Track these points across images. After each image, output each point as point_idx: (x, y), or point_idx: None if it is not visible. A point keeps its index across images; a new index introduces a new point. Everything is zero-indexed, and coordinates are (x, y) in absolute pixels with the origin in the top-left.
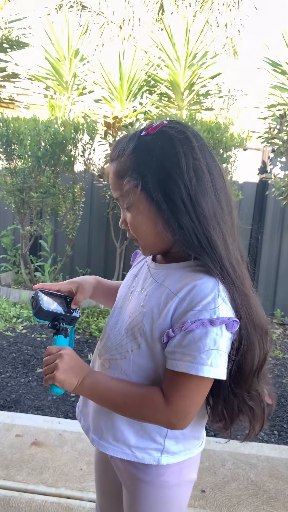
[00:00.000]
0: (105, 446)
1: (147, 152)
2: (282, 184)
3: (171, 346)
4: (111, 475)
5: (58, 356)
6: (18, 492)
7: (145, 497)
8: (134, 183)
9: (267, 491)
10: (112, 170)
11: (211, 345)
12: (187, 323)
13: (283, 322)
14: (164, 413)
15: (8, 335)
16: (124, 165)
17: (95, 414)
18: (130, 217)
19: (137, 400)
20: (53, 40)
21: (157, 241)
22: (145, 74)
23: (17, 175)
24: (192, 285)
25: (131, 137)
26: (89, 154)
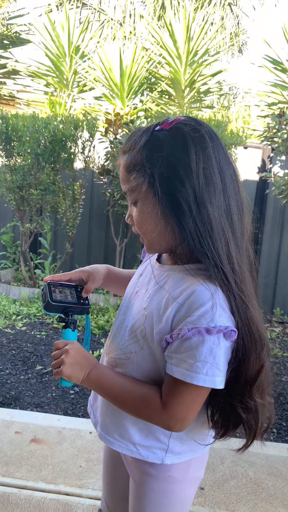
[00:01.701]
0: (111, 441)
1: (158, 149)
2: (282, 183)
3: (169, 351)
4: (121, 471)
5: (64, 351)
6: (17, 489)
7: (151, 491)
8: (141, 179)
9: (266, 488)
10: (123, 163)
11: (207, 354)
12: (184, 330)
13: (283, 320)
14: (161, 415)
15: (7, 332)
16: (134, 159)
17: (103, 409)
18: (136, 212)
19: (135, 399)
20: (53, 37)
21: (161, 240)
22: (146, 72)
23: (17, 172)
24: (191, 290)
25: (144, 131)
26: (89, 152)
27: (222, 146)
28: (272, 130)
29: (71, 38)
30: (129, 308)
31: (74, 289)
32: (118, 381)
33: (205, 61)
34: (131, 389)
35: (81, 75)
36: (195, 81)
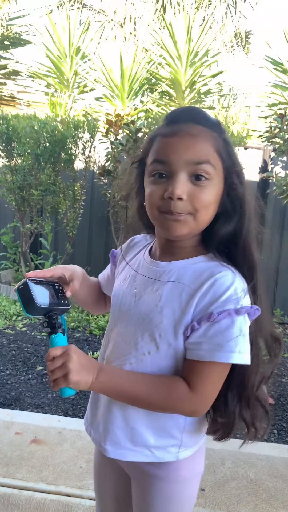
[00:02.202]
0: (123, 453)
1: (230, 142)
2: (283, 183)
3: (196, 337)
4: (113, 479)
5: (65, 356)
6: (17, 490)
7: (160, 493)
8: (222, 164)
9: (267, 490)
10: (210, 139)
11: (237, 333)
12: (214, 315)
13: (283, 321)
14: (190, 402)
15: (8, 332)
16: (222, 144)
17: (108, 423)
18: (206, 190)
19: (161, 392)
20: (54, 38)
21: (206, 223)
22: (146, 72)
23: (17, 173)
24: (212, 280)
25: (215, 120)
26: (90, 152)
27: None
28: (274, 130)
29: (72, 39)
30: (129, 314)
31: (52, 287)
32: (137, 378)
33: (205, 62)
34: (154, 383)
35: (82, 76)
36: (195, 82)
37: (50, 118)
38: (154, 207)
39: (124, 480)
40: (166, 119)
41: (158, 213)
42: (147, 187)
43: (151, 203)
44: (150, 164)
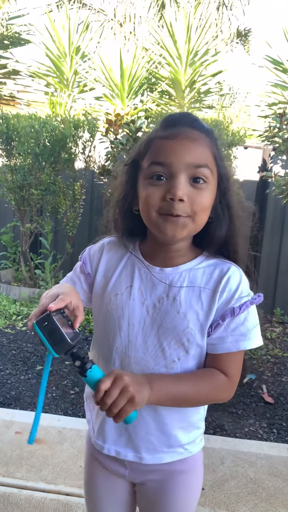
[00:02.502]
0: (161, 457)
1: (221, 150)
2: (282, 183)
3: (219, 333)
4: (119, 492)
5: (120, 383)
6: (17, 489)
7: (184, 486)
8: (217, 168)
9: (266, 489)
10: (209, 144)
11: (254, 319)
12: (236, 309)
13: (283, 320)
14: (228, 389)
15: (8, 332)
16: (216, 148)
17: (143, 432)
18: (204, 193)
19: (206, 387)
20: (54, 37)
21: (202, 225)
22: (146, 72)
23: (17, 172)
24: (226, 278)
25: (209, 128)
26: (90, 152)
27: None
28: (273, 130)
29: (72, 39)
30: (148, 323)
31: (62, 316)
32: (181, 379)
33: (205, 61)
34: (199, 382)
35: (82, 75)
36: (195, 81)
37: (50, 118)
38: (153, 209)
39: (132, 491)
40: (164, 122)
41: (157, 216)
42: (143, 190)
43: (149, 205)
44: (148, 166)
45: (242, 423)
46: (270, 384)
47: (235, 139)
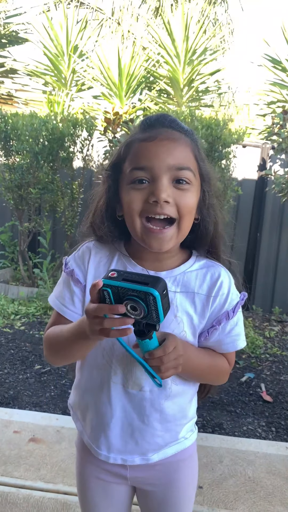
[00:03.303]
0: (165, 452)
1: (201, 150)
2: (282, 181)
3: (216, 336)
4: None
5: (177, 352)
6: (15, 488)
7: (185, 473)
8: (199, 170)
9: (264, 487)
10: (190, 145)
11: (242, 321)
12: (230, 313)
13: (282, 319)
14: (227, 375)
15: (6, 331)
16: (198, 150)
17: (148, 440)
18: (189, 194)
19: (218, 368)
20: (51, 36)
21: (188, 230)
22: (144, 71)
23: (15, 171)
24: (219, 283)
25: (187, 128)
26: (88, 151)
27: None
28: (276, 127)
29: (69, 37)
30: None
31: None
32: (202, 352)
33: (203, 60)
34: (211, 358)
35: (80, 74)
36: (193, 80)
37: (50, 116)
38: (136, 214)
39: (131, 492)
40: (142, 125)
41: (141, 227)
42: (126, 195)
43: (132, 210)
44: (130, 171)
45: (240, 422)
46: (268, 383)
47: (234, 138)
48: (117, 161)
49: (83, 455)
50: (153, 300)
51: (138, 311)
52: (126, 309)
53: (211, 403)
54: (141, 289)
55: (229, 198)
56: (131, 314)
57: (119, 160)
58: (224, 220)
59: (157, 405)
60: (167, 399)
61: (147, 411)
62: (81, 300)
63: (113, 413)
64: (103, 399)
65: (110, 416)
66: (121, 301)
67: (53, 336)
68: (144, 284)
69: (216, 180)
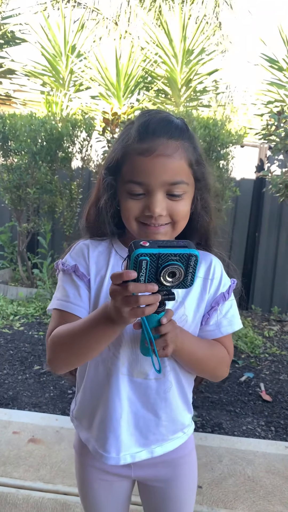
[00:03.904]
0: (167, 445)
1: (199, 150)
2: (279, 181)
3: (216, 317)
4: (120, 493)
5: (175, 329)
6: (15, 489)
7: (187, 470)
8: (194, 175)
9: (264, 486)
10: (184, 155)
11: (235, 304)
12: (225, 294)
13: (281, 319)
14: (228, 365)
15: (5, 332)
16: (193, 155)
17: (152, 430)
18: (183, 203)
19: (217, 357)
20: (49, 36)
21: (183, 228)
22: (142, 71)
23: (14, 172)
24: (213, 267)
25: (184, 126)
26: (87, 151)
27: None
28: (270, 128)
29: (67, 37)
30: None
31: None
32: (200, 340)
33: (201, 60)
34: (210, 346)
35: (77, 75)
36: (191, 80)
37: (48, 117)
38: (133, 219)
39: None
40: (139, 131)
41: (137, 225)
42: (124, 200)
43: (130, 216)
44: (127, 182)
45: (240, 421)
46: (268, 382)
47: (233, 139)
48: (116, 164)
49: (83, 459)
50: (194, 261)
51: (178, 276)
52: (163, 278)
53: (210, 403)
54: (184, 252)
55: (227, 199)
56: (168, 283)
57: (118, 164)
58: (218, 213)
59: (162, 393)
60: (171, 387)
61: (152, 399)
62: (87, 295)
63: (122, 407)
64: (110, 394)
65: (120, 410)
66: (157, 270)
67: (62, 334)
68: (183, 247)
69: (212, 176)
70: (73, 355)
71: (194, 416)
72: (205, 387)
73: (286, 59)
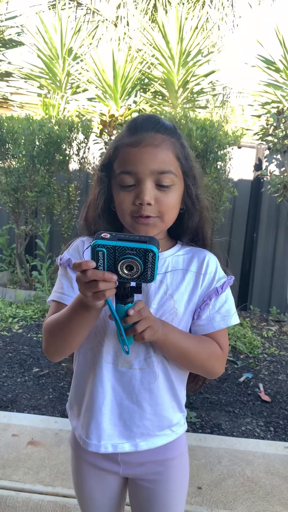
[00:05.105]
0: (153, 441)
1: (186, 146)
2: (277, 181)
3: (208, 312)
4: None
5: (145, 311)
6: (14, 492)
7: (176, 472)
8: (182, 168)
9: (263, 487)
10: (171, 147)
11: (232, 299)
12: (218, 289)
13: (279, 319)
14: (222, 361)
15: (4, 335)
16: (180, 149)
17: (136, 420)
18: (171, 194)
19: (206, 350)
20: (46, 39)
21: (173, 221)
22: (139, 73)
23: (12, 175)
24: (206, 262)
25: (171, 126)
26: (84, 153)
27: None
28: (270, 127)
29: (64, 40)
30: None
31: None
32: (187, 334)
33: (198, 62)
34: (200, 341)
35: (75, 77)
36: (188, 81)
37: (46, 120)
38: (126, 213)
39: (123, 485)
40: (128, 128)
41: (130, 219)
42: (117, 194)
43: (123, 209)
44: (118, 174)
45: (239, 422)
46: (266, 383)
47: (230, 140)
48: (108, 161)
49: (76, 453)
50: (152, 257)
51: (135, 270)
52: (121, 270)
53: (209, 404)
54: (141, 247)
55: (225, 200)
56: (126, 276)
57: (110, 160)
58: (210, 210)
59: (146, 384)
60: (156, 379)
61: (136, 389)
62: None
63: (104, 395)
64: (95, 381)
65: (102, 398)
66: (115, 262)
67: (51, 321)
68: (142, 242)
69: (201, 173)
70: (60, 341)
71: (193, 417)
72: (204, 387)
73: (283, 60)
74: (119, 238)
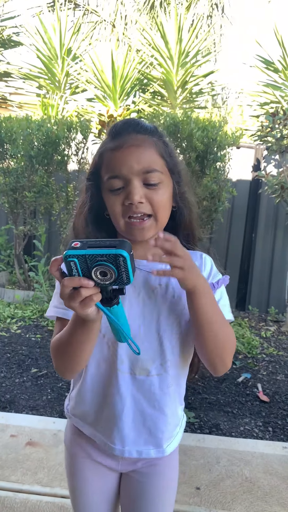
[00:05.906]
0: (174, 442)
1: (170, 146)
2: (275, 182)
3: None
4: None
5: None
6: (12, 492)
7: (169, 475)
8: (167, 166)
9: (262, 487)
10: (154, 145)
11: (226, 297)
12: (215, 284)
13: (277, 319)
14: (233, 353)
15: (2, 335)
16: (164, 148)
17: (162, 429)
18: (161, 192)
19: (227, 331)
20: (45, 39)
21: (166, 221)
22: (138, 73)
23: (10, 175)
24: (202, 259)
25: (153, 127)
26: (83, 153)
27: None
28: (266, 129)
29: (63, 40)
30: (146, 311)
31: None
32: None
33: (196, 62)
34: (224, 319)
35: (73, 77)
36: (187, 82)
37: (44, 120)
38: (119, 216)
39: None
40: (110, 133)
41: (124, 224)
42: (108, 200)
43: (115, 213)
44: (107, 180)
45: (237, 422)
46: (265, 383)
47: (230, 141)
48: (94, 169)
49: (75, 451)
50: (123, 261)
51: (109, 276)
52: (95, 276)
53: (208, 404)
54: (111, 252)
55: (224, 200)
56: (100, 281)
57: (97, 168)
58: (196, 205)
59: (165, 388)
60: (173, 381)
61: (157, 396)
62: None
63: (123, 404)
64: (112, 391)
65: (121, 407)
66: (89, 269)
67: (56, 341)
68: (111, 248)
69: (186, 169)
70: (68, 360)
71: (192, 417)
72: (203, 388)
73: (282, 61)
74: (90, 246)
